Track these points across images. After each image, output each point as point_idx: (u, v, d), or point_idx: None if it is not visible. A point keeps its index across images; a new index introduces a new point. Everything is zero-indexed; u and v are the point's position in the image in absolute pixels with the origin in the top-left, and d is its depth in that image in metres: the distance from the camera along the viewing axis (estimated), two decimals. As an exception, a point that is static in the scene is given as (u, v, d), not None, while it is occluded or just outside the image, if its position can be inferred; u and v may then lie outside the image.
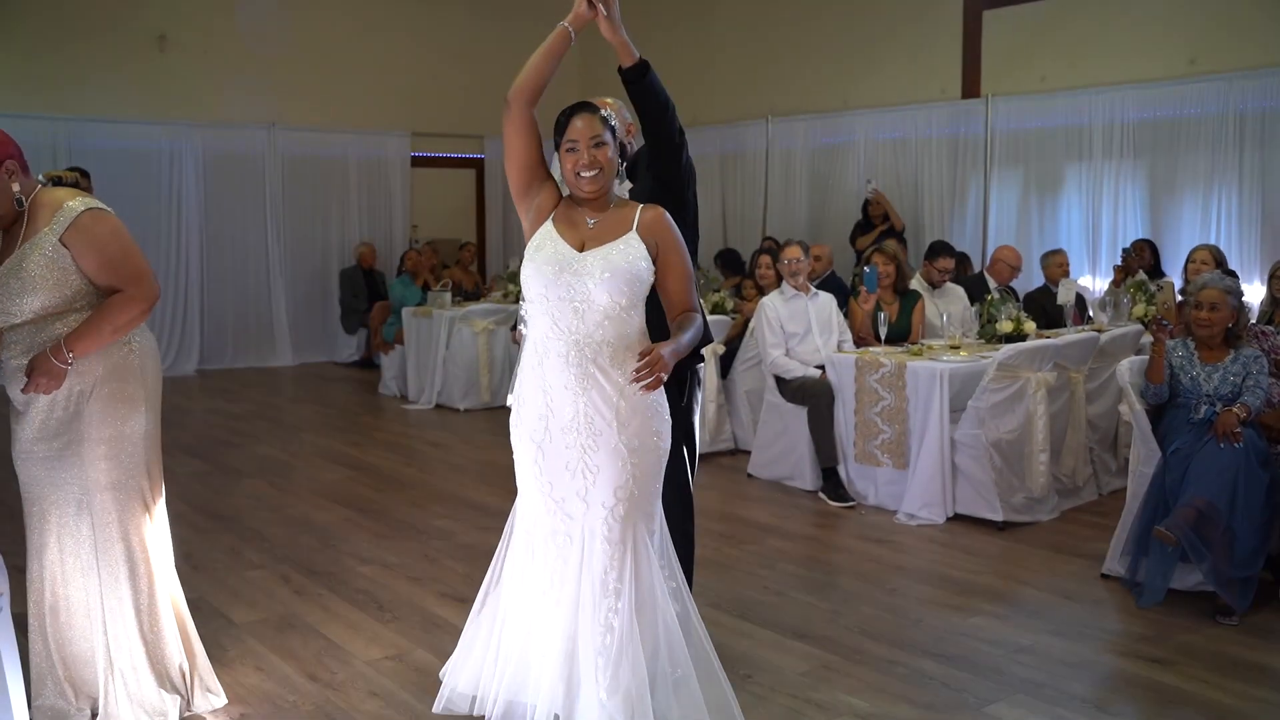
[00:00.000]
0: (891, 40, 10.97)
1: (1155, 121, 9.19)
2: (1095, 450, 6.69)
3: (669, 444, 3.26)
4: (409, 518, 6.15)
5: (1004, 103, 10.13)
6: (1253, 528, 4.60)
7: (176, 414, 9.35)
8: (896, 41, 10.93)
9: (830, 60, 11.54)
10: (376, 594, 4.88)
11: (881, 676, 4.00)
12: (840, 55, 11.45)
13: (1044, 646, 4.30)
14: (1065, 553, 5.54)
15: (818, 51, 11.64)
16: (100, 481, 3.34)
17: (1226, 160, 8.79)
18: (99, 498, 3.35)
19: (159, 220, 11.76)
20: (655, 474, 3.21)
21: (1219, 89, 8.77)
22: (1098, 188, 9.62)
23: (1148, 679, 4.02)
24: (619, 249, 3.12)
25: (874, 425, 6.31)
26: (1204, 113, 8.89)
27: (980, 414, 5.95)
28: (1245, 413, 4.75)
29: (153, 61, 11.75)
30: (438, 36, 13.41)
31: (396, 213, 13.32)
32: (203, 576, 5.09)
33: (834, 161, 11.46)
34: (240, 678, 3.96)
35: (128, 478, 3.39)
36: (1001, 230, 10.22)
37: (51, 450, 3.32)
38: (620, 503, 3.13)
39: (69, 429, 3.32)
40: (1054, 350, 6.24)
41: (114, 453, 3.35)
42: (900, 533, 5.91)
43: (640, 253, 3.13)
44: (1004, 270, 8.30)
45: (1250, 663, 4.17)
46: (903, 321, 7.07)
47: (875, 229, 10.15)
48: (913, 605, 4.78)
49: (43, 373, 3.21)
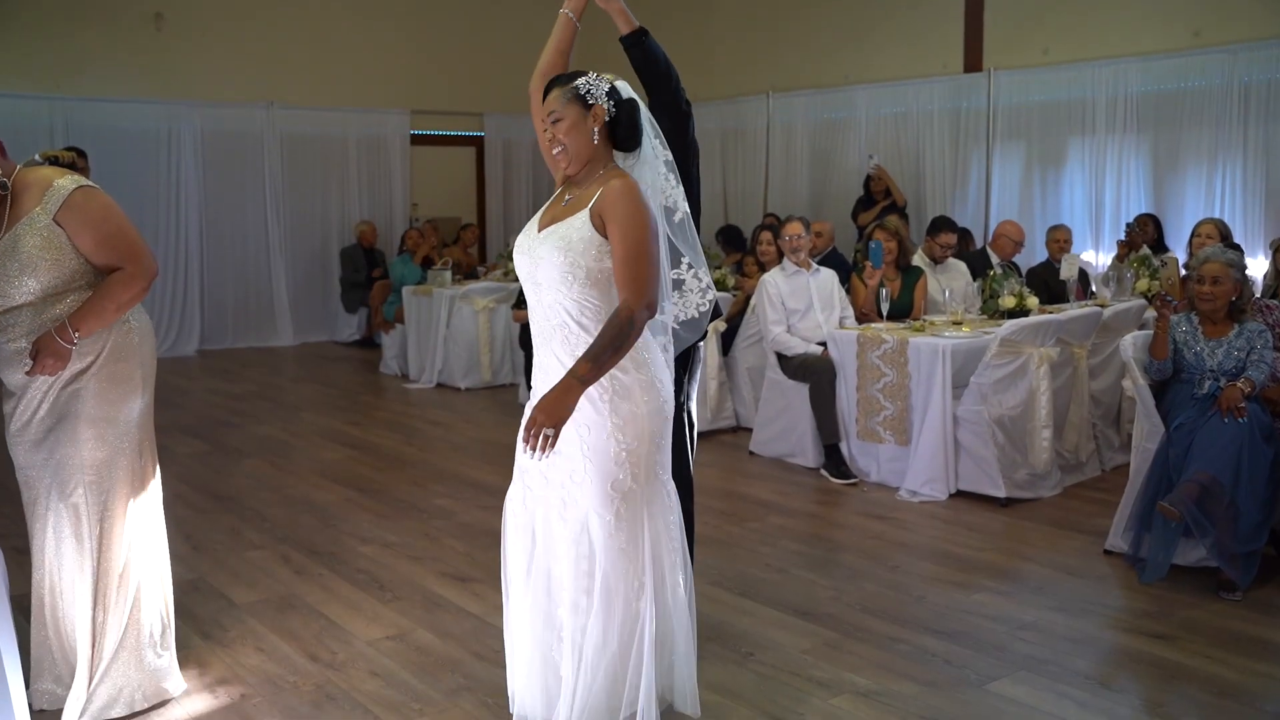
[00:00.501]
0: (893, 14, 10.93)
1: (1159, 94, 9.16)
2: (1098, 426, 6.69)
3: (662, 422, 3.04)
4: (410, 497, 6.15)
5: (1006, 76, 10.08)
6: (1256, 503, 4.59)
7: (177, 395, 9.35)
8: (898, 16, 10.89)
9: (831, 35, 11.49)
10: (377, 574, 4.87)
11: (884, 654, 4.00)
12: (841, 30, 11.40)
13: (1047, 623, 4.29)
14: (1068, 529, 5.54)
15: (819, 27, 11.59)
16: (91, 461, 3.32)
17: (1231, 133, 8.76)
18: (89, 477, 3.33)
19: (158, 200, 11.73)
20: (649, 460, 3.02)
21: (1223, 61, 8.72)
22: (1101, 162, 9.61)
23: (1151, 655, 4.02)
24: (565, 227, 2.93)
25: (876, 402, 6.30)
26: (1208, 85, 8.85)
27: (983, 390, 5.94)
28: (1249, 387, 4.73)
29: (149, 40, 11.68)
30: (437, 13, 13.33)
31: (396, 191, 13.27)
32: (203, 557, 5.09)
33: (835, 137, 11.44)
34: (241, 658, 3.96)
35: (118, 456, 3.37)
36: (1004, 205, 10.20)
37: (44, 430, 3.31)
38: (609, 501, 2.97)
39: (65, 408, 3.30)
40: (1057, 325, 6.23)
41: (105, 433, 3.34)
42: (902, 509, 5.90)
43: (583, 232, 2.90)
44: (1006, 245, 8.28)
45: (1254, 638, 4.17)
46: (905, 297, 7.04)
47: (877, 205, 10.13)
48: (915, 582, 4.78)
49: (49, 354, 3.20)
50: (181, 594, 4.59)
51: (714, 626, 4.16)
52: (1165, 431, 4.89)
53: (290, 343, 12.52)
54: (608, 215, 2.87)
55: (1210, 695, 3.69)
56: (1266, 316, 5.14)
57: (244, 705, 3.60)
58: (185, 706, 3.58)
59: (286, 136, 12.51)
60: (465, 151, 13.90)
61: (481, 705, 3.58)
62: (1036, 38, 9.92)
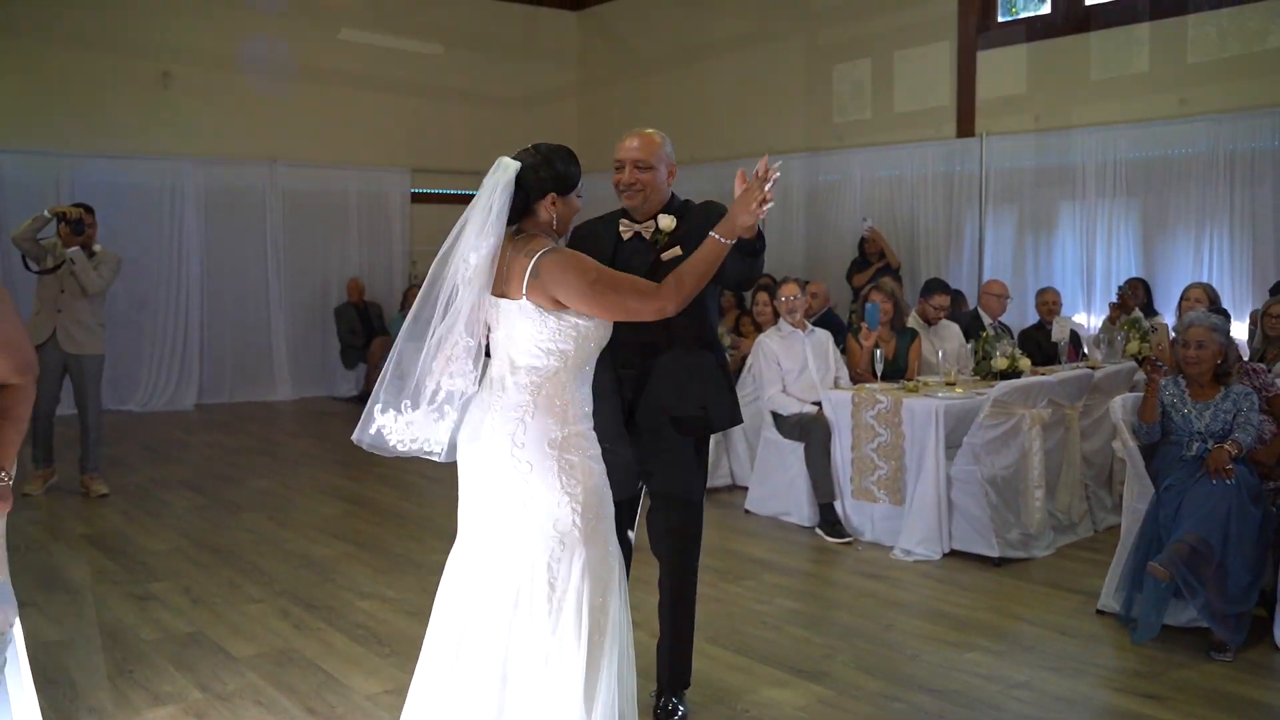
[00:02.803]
0: (887, 79, 11.10)
1: (1147, 161, 9.31)
2: (1090, 486, 6.72)
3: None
4: (407, 552, 6.16)
5: (998, 141, 10.24)
6: (1245, 563, 4.62)
7: (175, 448, 9.39)
8: (892, 80, 11.06)
9: (826, 98, 11.66)
10: (375, 628, 4.89)
11: (878, 712, 4.02)
12: (836, 94, 11.57)
13: (1040, 682, 4.31)
14: (1061, 589, 5.56)
15: (814, 90, 11.78)
16: None
17: (1217, 199, 8.91)
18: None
19: (160, 255, 11.84)
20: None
21: (1208, 129, 8.89)
22: (1091, 225, 9.73)
23: (1143, 715, 4.03)
24: None
25: (870, 461, 6.34)
26: (1194, 152, 9.01)
27: (976, 450, 5.97)
28: (1236, 449, 4.78)
29: (157, 99, 11.84)
30: (439, 75, 13.53)
31: (396, 248, 13.40)
32: (202, 611, 5.11)
33: (830, 199, 11.57)
34: (240, 711, 3.97)
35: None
36: (997, 268, 10.30)
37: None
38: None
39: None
40: (1048, 387, 6.28)
41: None
42: (896, 568, 5.92)
43: None
44: (993, 303, 8.32)
45: (1245, 698, 4.19)
46: (899, 358, 7.12)
47: (871, 266, 10.22)
48: (909, 641, 4.80)
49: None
50: (180, 647, 4.63)
51: (711, 684, 4.18)
52: (1155, 492, 4.93)
53: (288, 397, 12.55)
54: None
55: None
56: (1253, 380, 5.20)
57: (243, 758, 3.62)
58: (185, 759, 3.60)
59: (288, 193, 12.63)
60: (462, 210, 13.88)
61: (479, 760, 3.59)
62: (1028, 105, 10.08)
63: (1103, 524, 6.68)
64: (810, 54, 11.75)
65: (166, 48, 11.84)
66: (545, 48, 14.32)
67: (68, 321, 7.30)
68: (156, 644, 4.67)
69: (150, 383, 11.85)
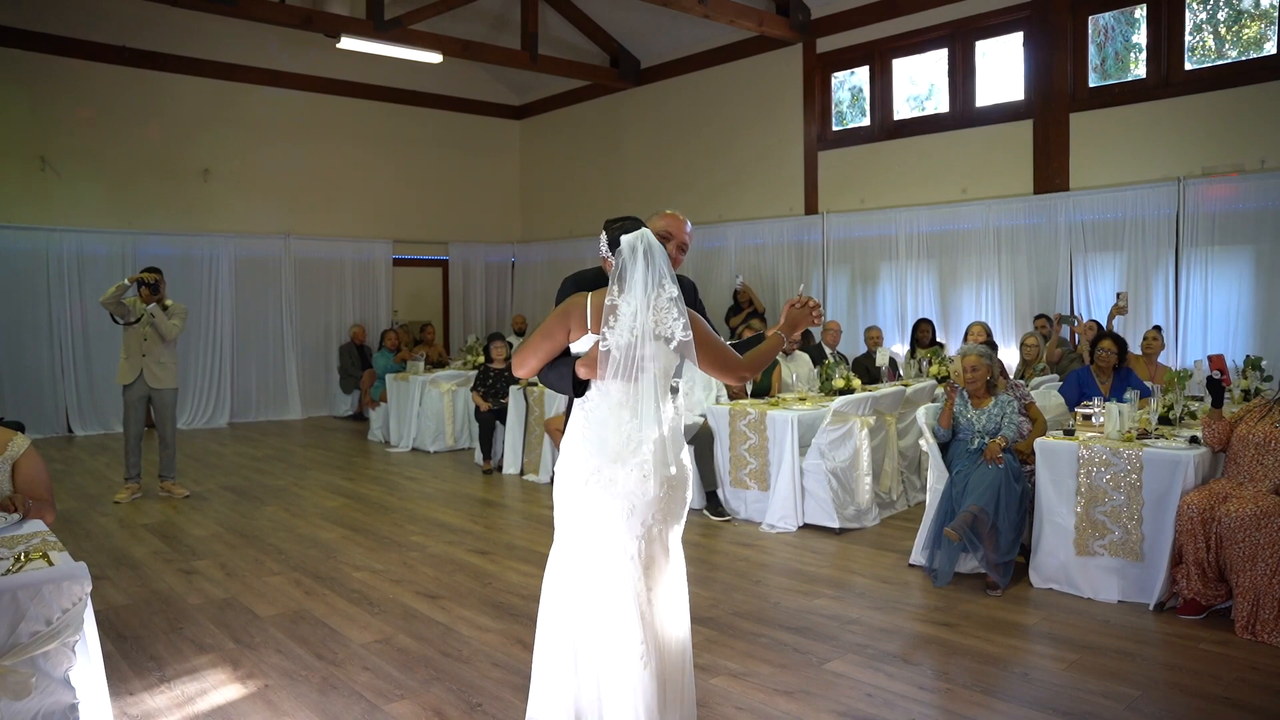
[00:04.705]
0: (753, 171, 11.21)
1: (941, 233, 9.48)
2: (905, 473, 6.78)
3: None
4: (392, 534, 6.10)
5: (835, 218, 10.37)
6: (1011, 526, 4.74)
7: (213, 457, 9.17)
8: (757, 172, 11.17)
9: (708, 184, 11.75)
10: (367, 593, 4.84)
11: (749, 645, 4.05)
12: (716, 181, 11.66)
13: (867, 618, 4.38)
14: (884, 549, 5.63)
15: (699, 177, 11.86)
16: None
17: (990, 262, 9.11)
18: None
19: (200, 309, 11.59)
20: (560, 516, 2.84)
21: (982, 210, 9.11)
22: (903, 280, 9.85)
23: (940, 638, 4.12)
24: None
25: (743, 458, 6.39)
26: (973, 228, 9.21)
27: (821, 448, 6.03)
28: (1004, 443, 4.93)
29: (198, 189, 11.70)
30: (414, 167, 13.46)
31: (381, 301, 13.19)
32: (234, 581, 5.02)
33: (712, 261, 11.62)
34: (264, 658, 3.92)
35: None
36: (836, 311, 10.40)
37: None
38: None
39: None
40: (874, 400, 6.35)
41: None
42: (764, 539, 5.94)
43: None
44: (830, 336, 8.54)
45: (1010, 622, 4.31)
46: (764, 380, 7.20)
47: (743, 311, 10.26)
48: (773, 592, 4.83)
49: None
50: (218, 609, 4.55)
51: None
52: (949, 476, 5.03)
53: (299, 417, 12.30)
54: None
55: (980, 664, 3.81)
56: (1015, 391, 5.38)
57: (267, 693, 3.57)
58: (223, 694, 3.55)
59: (299, 261, 12.43)
60: (434, 271, 13.87)
61: (448, 691, 3.58)
62: (856, 190, 10.24)
63: (914, 501, 6.75)
64: (697, 155, 11.88)
65: (206, 152, 11.70)
66: (494, 146, 14.31)
67: (150, 363, 7.08)
68: (200, 607, 4.59)
69: (193, 406, 11.57)
